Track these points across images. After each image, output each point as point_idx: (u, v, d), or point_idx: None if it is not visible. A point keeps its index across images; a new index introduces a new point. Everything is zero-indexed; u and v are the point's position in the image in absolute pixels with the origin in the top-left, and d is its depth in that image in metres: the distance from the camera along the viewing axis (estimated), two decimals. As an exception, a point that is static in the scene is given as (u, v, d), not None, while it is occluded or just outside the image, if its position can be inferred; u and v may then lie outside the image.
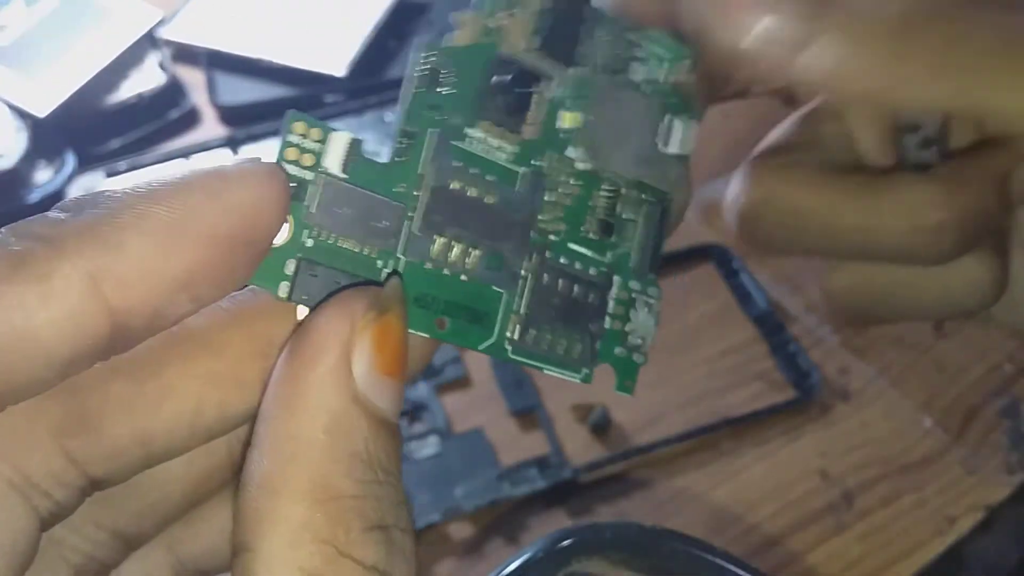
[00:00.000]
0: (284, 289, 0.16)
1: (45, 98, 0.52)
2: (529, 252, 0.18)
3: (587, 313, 0.19)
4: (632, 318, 0.19)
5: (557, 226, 0.18)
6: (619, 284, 0.19)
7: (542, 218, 0.18)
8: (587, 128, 0.18)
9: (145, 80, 0.55)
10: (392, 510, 0.15)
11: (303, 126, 0.16)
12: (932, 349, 0.46)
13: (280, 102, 0.56)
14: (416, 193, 0.17)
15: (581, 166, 0.19)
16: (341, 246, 0.16)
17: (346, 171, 0.16)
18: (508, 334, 0.18)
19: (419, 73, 0.17)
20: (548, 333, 0.18)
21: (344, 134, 0.16)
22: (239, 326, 0.16)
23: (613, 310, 0.19)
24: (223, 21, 0.59)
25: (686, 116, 0.20)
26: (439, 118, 0.17)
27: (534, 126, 0.18)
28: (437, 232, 0.17)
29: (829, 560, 0.39)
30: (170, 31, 0.58)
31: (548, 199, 0.18)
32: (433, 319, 0.17)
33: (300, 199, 0.16)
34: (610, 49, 0.19)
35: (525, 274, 0.18)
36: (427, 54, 0.17)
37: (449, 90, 0.17)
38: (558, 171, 0.18)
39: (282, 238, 0.16)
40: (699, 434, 0.42)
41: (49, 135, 0.52)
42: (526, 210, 0.18)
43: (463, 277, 0.17)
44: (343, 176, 0.16)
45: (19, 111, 0.53)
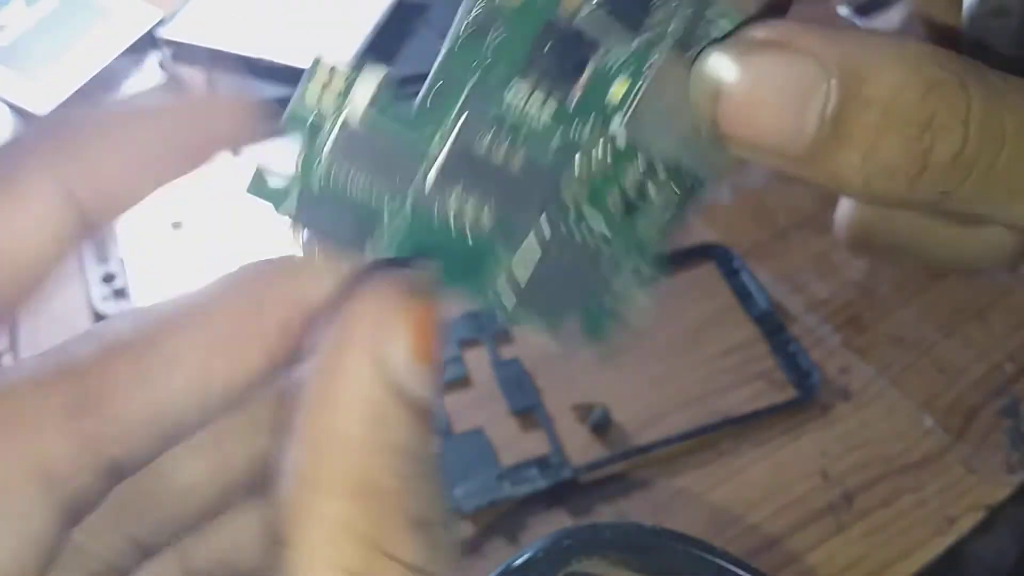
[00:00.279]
0: (287, 211, 0.16)
1: (45, 98, 0.52)
2: (544, 220, 0.18)
3: (591, 286, 0.18)
4: (633, 299, 0.19)
5: (578, 197, 0.18)
6: (629, 263, 0.19)
7: (565, 188, 0.18)
8: (638, 103, 0.17)
9: (145, 80, 0.55)
10: (433, 504, 0.14)
11: (329, 67, 0.16)
12: (932, 349, 0.46)
13: (280, 102, 0.56)
14: (439, 142, 0.16)
15: (621, 142, 0.18)
16: (352, 183, 0.16)
17: (372, 107, 0.16)
18: (505, 295, 0.18)
19: (467, 24, 0.16)
20: (548, 301, 0.18)
21: (375, 71, 0.16)
22: (237, 292, 0.16)
23: (617, 288, 0.19)
24: (223, 21, 0.59)
25: None
26: (478, 73, 0.17)
27: (580, 93, 0.17)
28: (451, 185, 0.17)
29: (829, 560, 0.39)
30: (170, 31, 0.58)
31: (577, 171, 0.18)
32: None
33: (318, 132, 0.16)
34: (685, 24, 0.17)
35: (535, 240, 0.18)
36: (479, 6, 0.16)
37: (495, 44, 0.16)
38: (593, 143, 0.18)
39: (294, 167, 0.16)
40: (699, 434, 0.42)
41: (49, 135, 0.52)
42: (550, 179, 0.17)
43: (469, 234, 0.17)
44: (366, 113, 0.16)
45: (19, 111, 0.53)
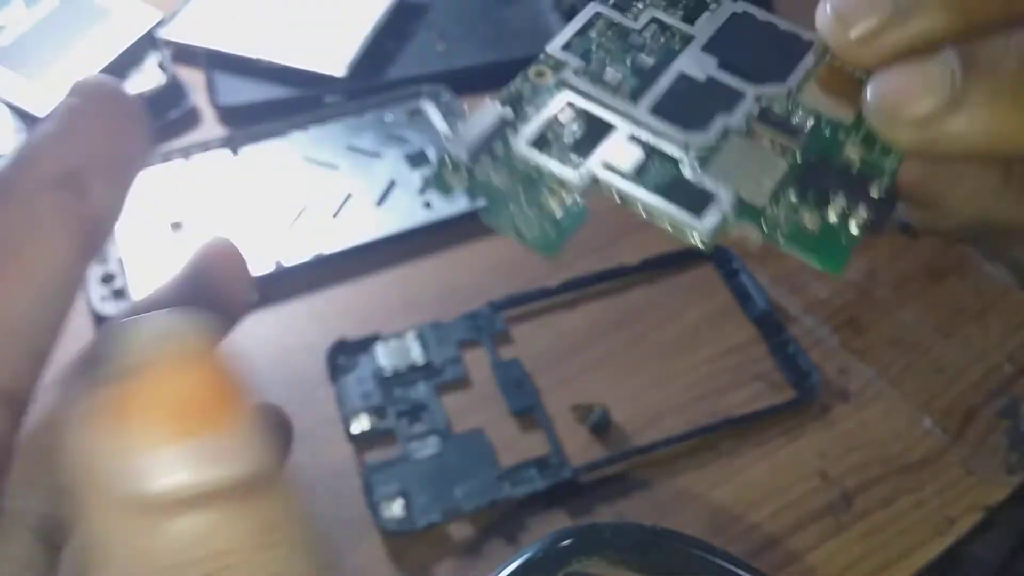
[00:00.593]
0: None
1: (45, 98, 0.52)
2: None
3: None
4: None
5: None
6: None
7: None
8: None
9: (145, 80, 0.55)
10: None
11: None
12: (931, 350, 0.46)
13: (280, 102, 0.56)
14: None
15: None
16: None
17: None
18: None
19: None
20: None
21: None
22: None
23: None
24: (223, 21, 0.59)
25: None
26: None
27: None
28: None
29: (829, 560, 0.39)
30: (170, 31, 0.58)
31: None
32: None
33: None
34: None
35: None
36: None
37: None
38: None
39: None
40: (699, 434, 0.42)
41: (49, 135, 0.52)
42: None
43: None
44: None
45: (19, 111, 0.53)
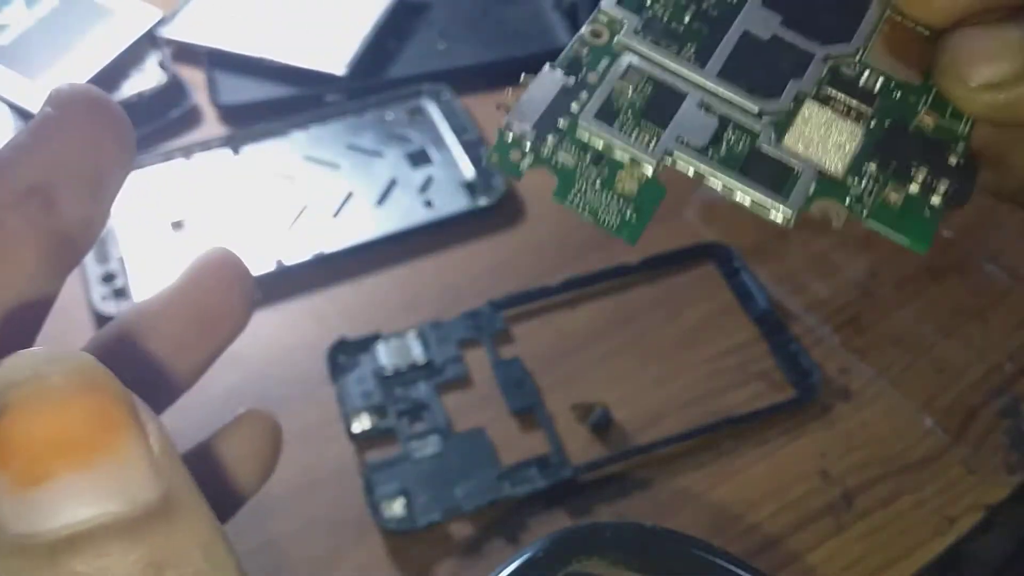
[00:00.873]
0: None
1: (45, 98, 0.52)
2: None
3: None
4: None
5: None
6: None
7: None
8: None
9: (145, 79, 0.55)
10: None
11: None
12: (932, 349, 0.46)
13: (280, 101, 0.56)
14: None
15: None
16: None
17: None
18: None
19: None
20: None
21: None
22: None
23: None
24: (223, 20, 0.59)
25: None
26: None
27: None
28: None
29: (829, 560, 0.39)
30: (170, 30, 0.58)
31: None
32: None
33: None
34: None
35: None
36: None
37: None
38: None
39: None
40: (699, 434, 0.42)
41: (49, 135, 0.52)
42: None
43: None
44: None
45: (19, 111, 0.53)
